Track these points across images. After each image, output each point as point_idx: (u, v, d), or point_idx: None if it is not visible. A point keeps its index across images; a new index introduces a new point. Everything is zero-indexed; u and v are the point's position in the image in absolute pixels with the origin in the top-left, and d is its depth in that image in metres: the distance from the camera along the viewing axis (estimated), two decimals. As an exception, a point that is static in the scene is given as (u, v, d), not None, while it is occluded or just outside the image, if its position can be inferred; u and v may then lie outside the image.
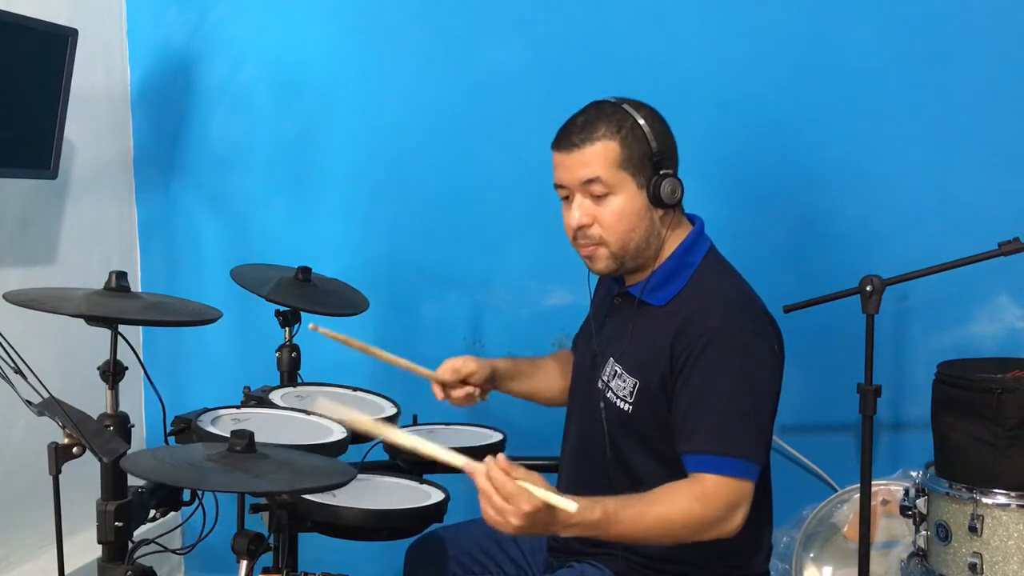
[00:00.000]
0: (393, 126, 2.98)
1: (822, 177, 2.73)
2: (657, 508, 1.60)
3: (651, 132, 1.73)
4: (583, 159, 1.73)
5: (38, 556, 2.70)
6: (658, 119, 1.77)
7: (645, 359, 1.75)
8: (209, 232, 3.13)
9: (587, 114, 1.76)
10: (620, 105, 1.75)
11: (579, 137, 1.73)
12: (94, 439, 1.61)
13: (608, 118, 1.73)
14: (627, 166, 1.72)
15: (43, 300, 1.68)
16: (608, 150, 1.72)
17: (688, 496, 1.61)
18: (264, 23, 3.04)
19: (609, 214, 1.74)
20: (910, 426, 2.70)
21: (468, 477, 1.53)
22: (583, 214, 1.75)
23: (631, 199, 1.73)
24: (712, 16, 2.76)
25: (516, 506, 1.46)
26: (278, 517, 1.90)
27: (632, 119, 1.73)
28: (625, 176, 1.73)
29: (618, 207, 1.73)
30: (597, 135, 1.72)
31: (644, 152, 1.72)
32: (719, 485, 1.61)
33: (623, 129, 1.72)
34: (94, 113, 2.95)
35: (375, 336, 2.96)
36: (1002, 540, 2.05)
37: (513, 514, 1.46)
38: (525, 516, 1.46)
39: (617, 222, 1.74)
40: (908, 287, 2.50)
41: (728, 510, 1.62)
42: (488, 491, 1.48)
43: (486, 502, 1.49)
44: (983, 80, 2.63)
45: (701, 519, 1.61)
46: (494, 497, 1.47)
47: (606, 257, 1.77)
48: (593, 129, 1.73)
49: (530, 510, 1.46)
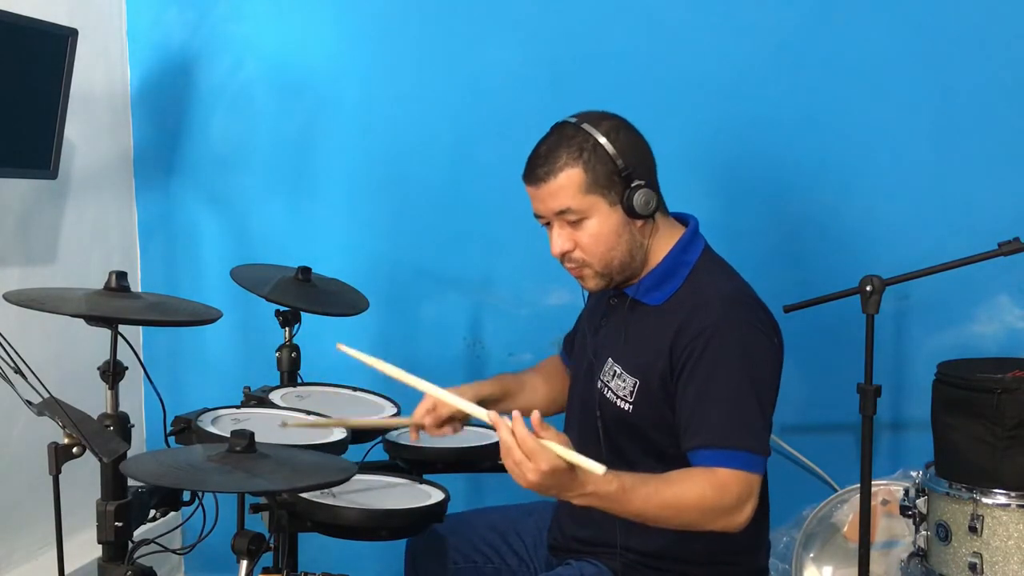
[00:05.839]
0: (393, 126, 2.98)
1: (822, 177, 2.73)
2: (672, 488, 1.62)
3: (614, 149, 1.72)
4: (550, 191, 1.73)
5: (38, 556, 2.70)
6: (623, 130, 1.75)
7: (645, 358, 1.76)
8: (209, 232, 3.13)
9: (548, 142, 1.75)
10: (580, 126, 1.74)
11: (543, 170, 1.73)
12: (94, 439, 1.61)
13: (568, 144, 1.72)
14: (594, 189, 1.72)
15: (43, 300, 1.69)
16: (572, 178, 1.72)
17: (704, 482, 1.63)
18: (264, 23, 3.04)
19: (587, 237, 1.75)
20: (910, 426, 2.70)
21: (468, 477, 1.53)
22: (563, 241, 1.77)
23: (606, 219, 1.74)
24: (711, 16, 2.75)
25: (536, 463, 1.48)
26: (278, 517, 1.89)
27: (592, 139, 1.72)
28: (595, 199, 1.73)
29: (594, 229, 1.74)
30: (559, 165, 1.72)
31: (610, 170, 1.72)
32: (731, 477, 1.63)
33: (584, 152, 1.71)
34: (94, 113, 2.95)
35: (375, 336, 2.97)
36: (1002, 540, 2.05)
37: (531, 470, 1.48)
38: (542, 474, 1.48)
39: (596, 244, 1.75)
40: (908, 287, 2.50)
41: (739, 502, 1.63)
42: (509, 444, 1.50)
43: (506, 454, 1.51)
44: (983, 80, 2.63)
45: (713, 506, 1.62)
46: (515, 450, 1.49)
47: (593, 277, 1.79)
48: (555, 159, 1.72)
49: (547, 469, 1.48)
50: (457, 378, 2.88)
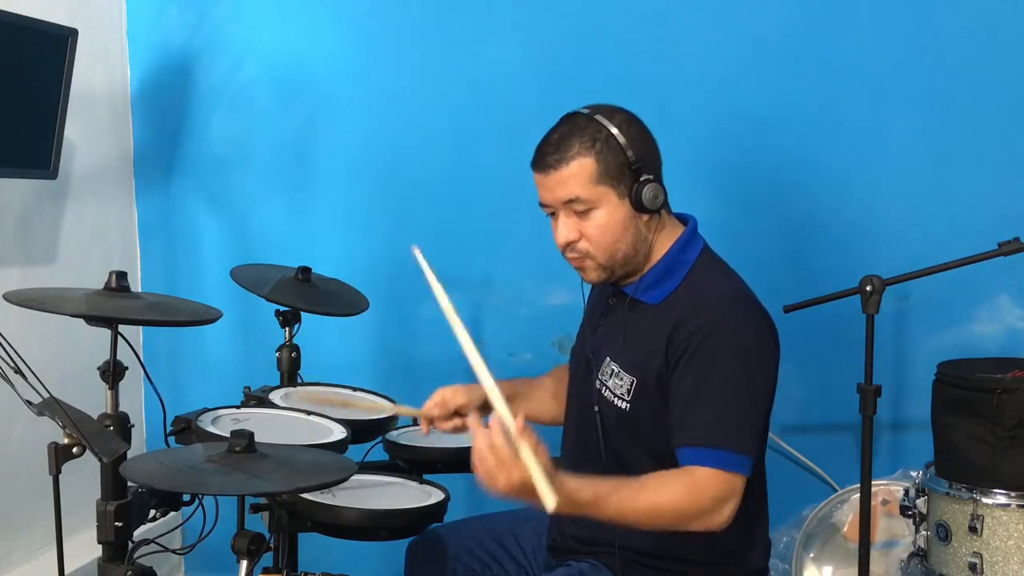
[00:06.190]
0: (393, 126, 2.98)
1: (822, 177, 2.73)
2: (647, 495, 1.62)
3: (626, 141, 1.72)
4: (560, 179, 1.73)
5: (38, 556, 2.70)
6: (634, 124, 1.76)
7: (642, 357, 1.76)
8: (209, 232, 3.13)
9: (560, 131, 1.75)
10: (593, 116, 1.74)
11: (554, 158, 1.73)
12: (94, 439, 1.61)
13: (581, 133, 1.72)
14: (605, 179, 1.72)
15: (43, 300, 1.69)
16: (584, 167, 1.72)
17: (679, 486, 1.63)
18: (264, 23, 3.04)
19: (594, 228, 1.75)
20: (910, 426, 2.70)
21: (468, 477, 1.53)
22: (569, 231, 1.76)
23: (614, 210, 1.74)
24: (711, 16, 2.75)
25: (507, 473, 1.47)
26: (278, 517, 1.90)
27: (606, 130, 1.72)
28: (605, 189, 1.73)
29: (602, 220, 1.74)
30: (571, 153, 1.72)
31: (621, 162, 1.72)
32: (709, 478, 1.63)
33: (597, 143, 1.72)
34: (94, 113, 2.95)
35: (375, 336, 2.97)
36: (1002, 540, 2.05)
37: (502, 480, 1.48)
38: (511, 486, 1.48)
39: (602, 235, 1.75)
40: (908, 287, 2.50)
41: (716, 503, 1.63)
42: (483, 453, 1.49)
43: (478, 461, 1.50)
44: (983, 80, 2.63)
45: (688, 509, 1.63)
46: (488, 459, 1.48)
47: (595, 268, 1.79)
48: (567, 148, 1.72)
49: (517, 482, 1.47)
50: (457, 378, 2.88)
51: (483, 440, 1.49)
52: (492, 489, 1.49)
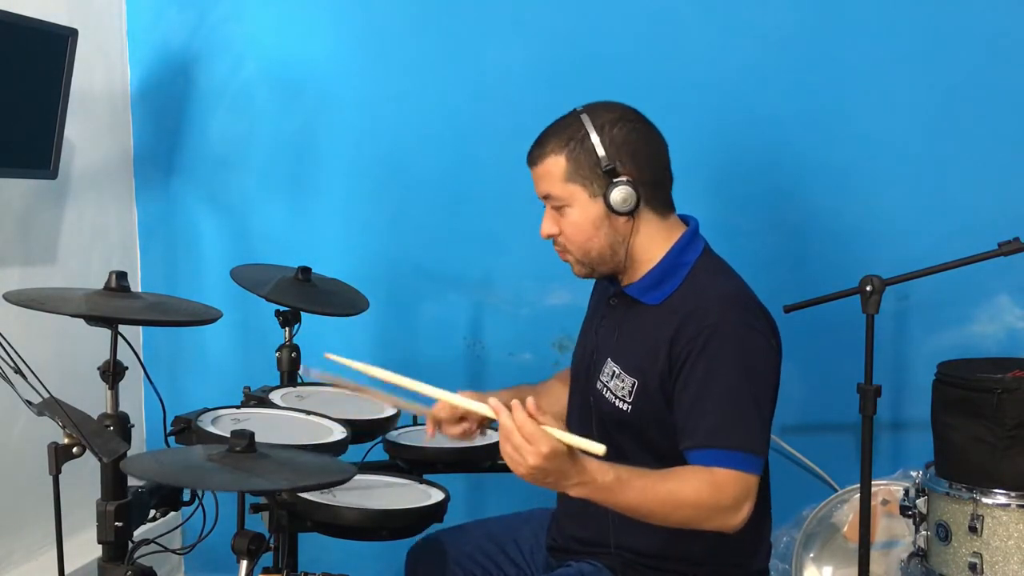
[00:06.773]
0: (393, 126, 2.98)
1: (822, 177, 2.73)
2: (669, 484, 1.62)
3: (601, 142, 1.73)
4: (538, 175, 1.79)
5: (38, 556, 2.70)
6: (624, 126, 1.75)
7: (643, 358, 1.76)
8: (209, 232, 3.13)
9: (548, 127, 1.80)
10: (579, 115, 1.76)
11: (535, 153, 1.79)
12: (94, 439, 1.61)
13: (560, 132, 1.76)
14: (576, 178, 1.74)
15: (43, 300, 1.68)
16: (555, 166, 1.75)
17: (701, 480, 1.63)
18: (264, 23, 3.04)
19: (568, 225, 1.78)
20: (910, 426, 2.70)
21: (468, 477, 1.53)
22: (549, 225, 1.81)
23: (584, 209, 1.76)
24: (712, 17, 2.76)
25: (536, 447, 1.49)
26: (278, 517, 1.90)
27: (583, 130, 1.74)
28: (575, 188, 1.75)
29: (574, 218, 1.77)
30: (546, 150, 1.76)
31: (593, 162, 1.73)
32: (728, 477, 1.63)
33: (572, 141, 1.74)
34: (94, 113, 2.95)
35: (375, 336, 2.97)
36: (1002, 540, 2.05)
37: (532, 453, 1.49)
38: (543, 457, 1.49)
39: (575, 232, 1.78)
40: (908, 287, 2.50)
41: (736, 502, 1.63)
42: (509, 429, 1.51)
43: (505, 440, 1.52)
44: (983, 80, 2.63)
45: (709, 504, 1.62)
46: (514, 435, 1.50)
47: (575, 263, 1.83)
48: (544, 144, 1.77)
49: (547, 451, 1.49)
50: (457, 378, 2.90)
51: (507, 419, 1.52)
52: (521, 467, 1.51)
